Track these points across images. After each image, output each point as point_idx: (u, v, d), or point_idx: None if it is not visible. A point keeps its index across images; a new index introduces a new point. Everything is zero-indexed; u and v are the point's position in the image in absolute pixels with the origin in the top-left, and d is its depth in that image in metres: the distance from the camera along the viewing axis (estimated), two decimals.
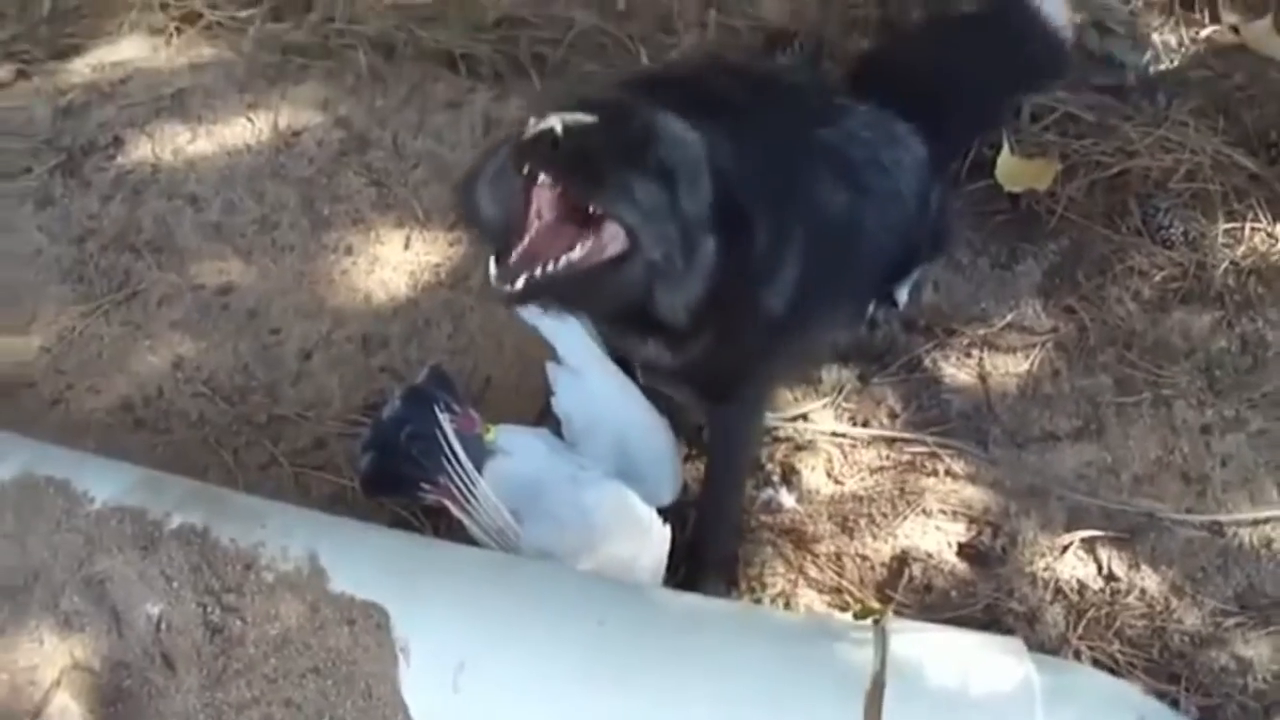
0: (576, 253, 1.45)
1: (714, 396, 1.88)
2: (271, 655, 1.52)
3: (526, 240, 1.46)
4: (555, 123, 1.39)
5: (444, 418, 1.83)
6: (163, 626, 1.55)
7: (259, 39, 2.70)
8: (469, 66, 2.58)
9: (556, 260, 1.45)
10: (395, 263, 2.32)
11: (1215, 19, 2.57)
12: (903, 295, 2.16)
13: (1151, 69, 2.49)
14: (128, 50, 2.73)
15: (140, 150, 2.53)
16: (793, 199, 1.70)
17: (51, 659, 1.56)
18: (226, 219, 2.41)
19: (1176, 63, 2.51)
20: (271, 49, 2.67)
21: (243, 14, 2.73)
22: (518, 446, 1.86)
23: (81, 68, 2.70)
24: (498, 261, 1.45)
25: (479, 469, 1.81)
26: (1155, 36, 2.54)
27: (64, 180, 2.49)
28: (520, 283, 1.44)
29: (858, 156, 1.85)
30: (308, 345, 2.22)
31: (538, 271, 1.44)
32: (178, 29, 2.74)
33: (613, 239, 1.47)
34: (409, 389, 1.94)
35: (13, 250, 2.39)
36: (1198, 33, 2.56)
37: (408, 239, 2.35)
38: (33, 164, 2.52)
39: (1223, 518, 1.98)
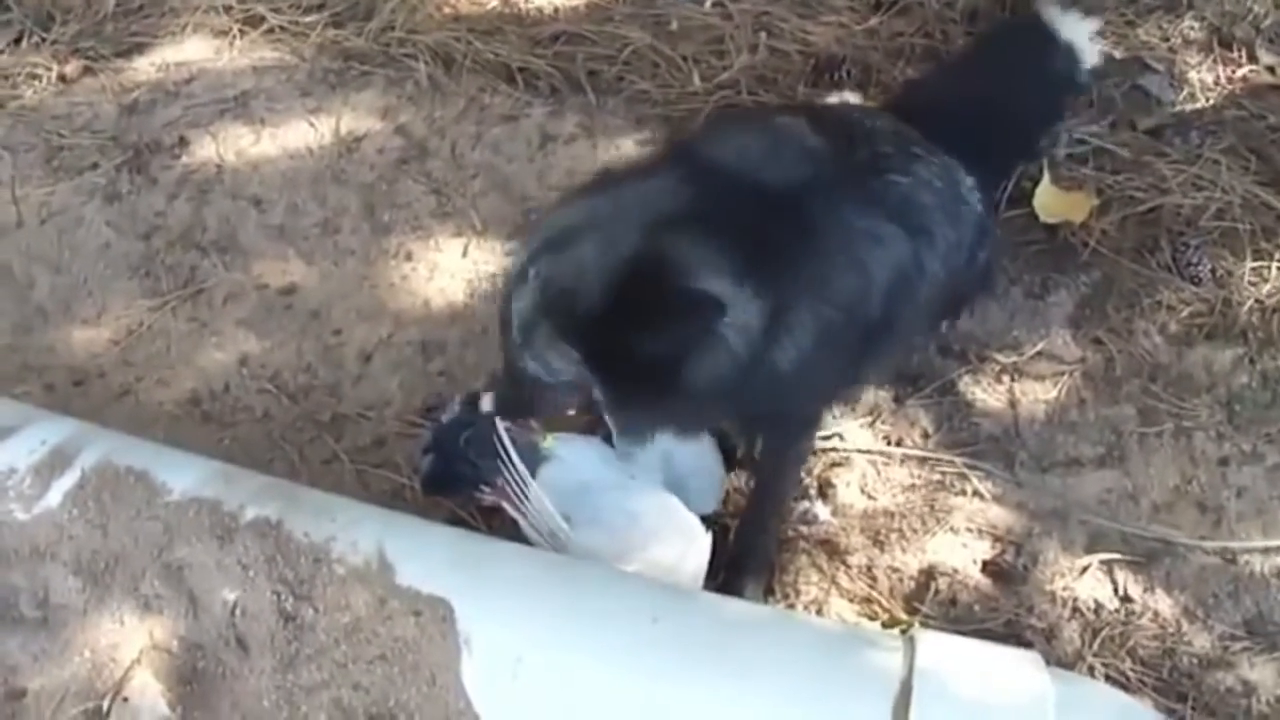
0: None
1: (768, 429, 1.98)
2: (341, 642, 1.60)
3: None
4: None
5: (501, 424, 1.91)
6: (238, 612, 1.64)
7: (320, 44, 2.77)
8: (526, 80, 2.66)
9: None
10: (453, 270, 2.39)
11: (1252, 59, 2.62)
12: (944, 327, 2.24)
13: (1187, 107, 2.55)
14: (192, 51, 2.81)
15: (205, 150, 2.61)
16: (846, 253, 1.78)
17: (131, 639, 1.64)
18: (290, 221, 2.49)
19: (1212, 101, 2.56)
20: (333, 55, 2.75)
21: (305, 19, 2.80)
22: (571, 454, 1.96)
23: (146, 66, 2.78)
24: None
25: (533, 474, 1.90)
26: (1193, 75, 2.59)
27: (130, 177, 2.58)
28: None
29: (929, 203, 1.89)
30: (368, 347, 2.30)
31: None
32: (241, 31, 2.82)
33: None
34: (468, 395, 2.04)
35: (82, 243, 2.48)
36: (1234, 72, 2.60)
37: (466, 247, 2.42)
38: (99, 160, 2.61)
39: (1235, 545, 2.05)
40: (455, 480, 1.97)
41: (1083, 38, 2.30)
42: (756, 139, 1.83)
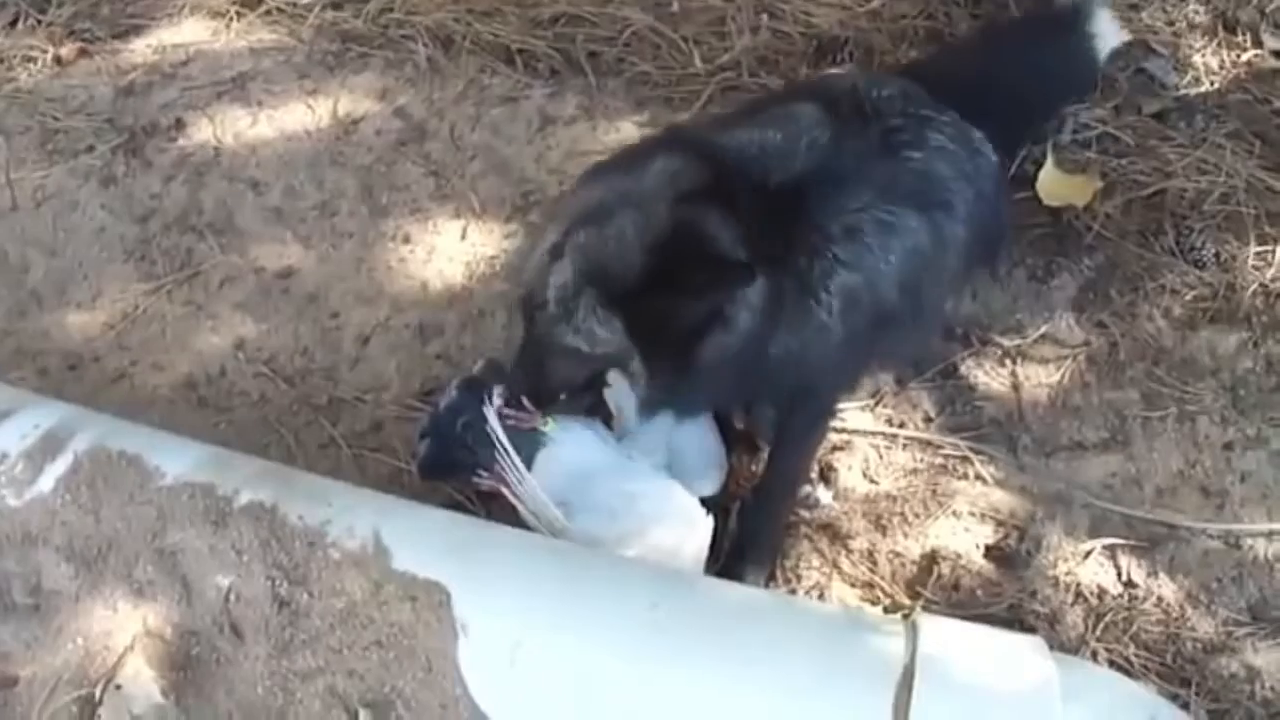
0: None
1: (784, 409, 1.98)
2: (336, 628, 1.59)
3: None
4: None
5: (490, 411, 1.90)
6: (232, 597, 1.62)
7: (318, 26, 2.76)
8: (525, 62, 2.64)
9: None
10: (452, 253, 2.38)
11: (1257, 43, 2.60)
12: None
13: (1191, 91, 2.53)
14: (188, 32, 2.79)
15: (201, 132, 2.60)
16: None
17: (124, 626, 1.63)
18: (287, 203, 2.47)
19: (1216, 85, 2.55)
20: (330, 37, 2.74)
21: (303, 1, 2.79)
22: (570, 437, 1.94)
23: (142, 48, 2.76)
24: None
25: (531, 458, 1.89)
26: (1197, 59, 2.58)
27: (126, 160, 2.56)
28: None
29: (946, 172, 1.91)
30: (366, 330, 2.29)
31: None
32: (238, 13, 2.80)
33: None
34: (465, 379, 2.02)
35: (77, 226, 2.46)
36: (1239, 56, 2.59)
37: (464, 230, 2.41)
38: (95, 142, 2.59)
39: (1239, 530, 2.04)
40: (453, 465, 1.96)
41: (1104, 23, 2.29)
42: (766, 129, 1.84)
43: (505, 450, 1.88)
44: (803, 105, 1.89)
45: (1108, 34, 2.28)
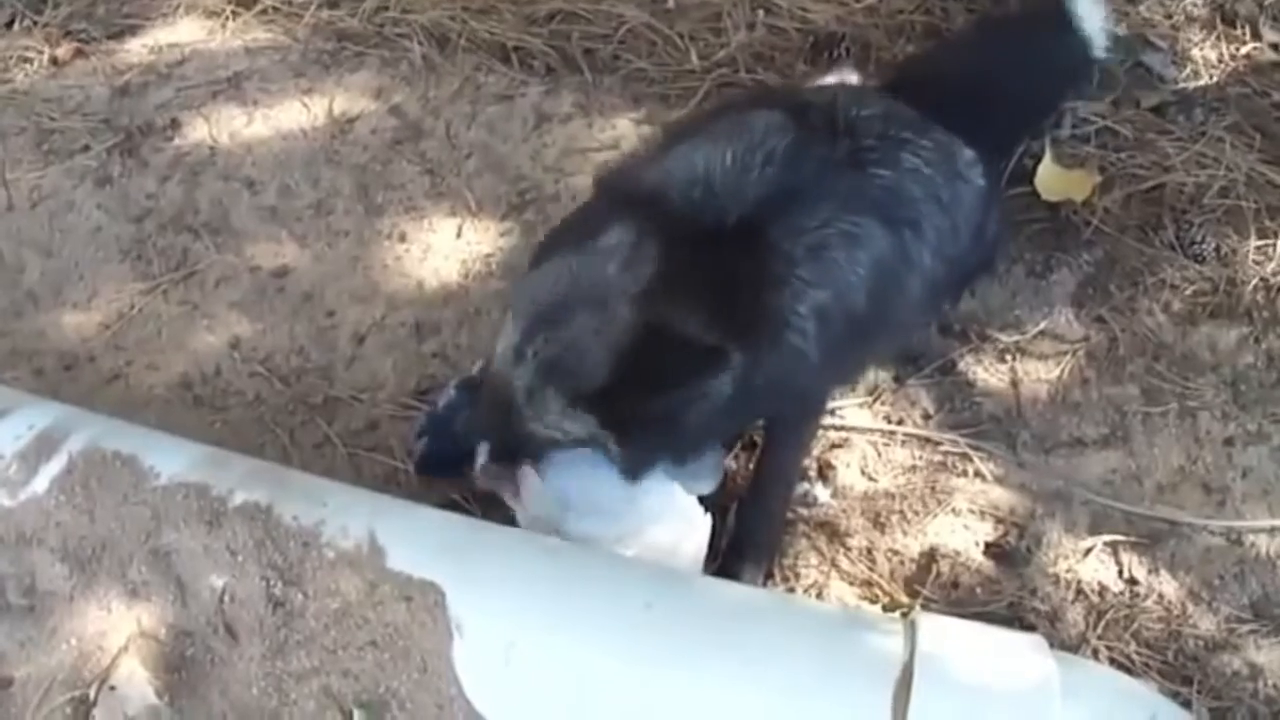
0: None
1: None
2: (331, 628, 1.59)
3: None
4: None
5: None
6: (226, 598, 1.62)
7: (314, 25, 2.75)
8: (521, 59, 2.63)
9: None
10: (447, 251, 2.37)
11: (1256, 36, 2.59)
12: (946, 305, 2.21)
13: (1190, 84, 2.52)
14: (184, 32, 2.79)
15: (197, 132, 2.59)
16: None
17: (119, 626, 1.63)
18: (283, 203, 2.47)
19: (1215, 79, 2.53)
20: (326, 35, 2.73)
21: None
22: None
23: (138, 48, 2.76)
24: None
25: None
26: (1196, 52, 2.57)
27: (122, 159, 2.56)
28: None
29: (916, 194, 1.88)
30: (362, 329, 2.28)
31: None
32: (234, 12, 2.80)
33: None
34: (464, 379, 2.02)
35: (73, 227, 2.46)
36: (1237, 49, 2.58)
37: (460, 228, 2.40)
38: (91, 142, 2.59)
39: (1241, 526, 2.03)
40: (450, 463, 1.95)
41: (1096, 19, 2.27)
42: (720, 146, 1.79)
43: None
44: (763, 113, 1.85)
45: (1097, 25, 2.26)
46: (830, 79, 2.37)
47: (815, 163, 1.79)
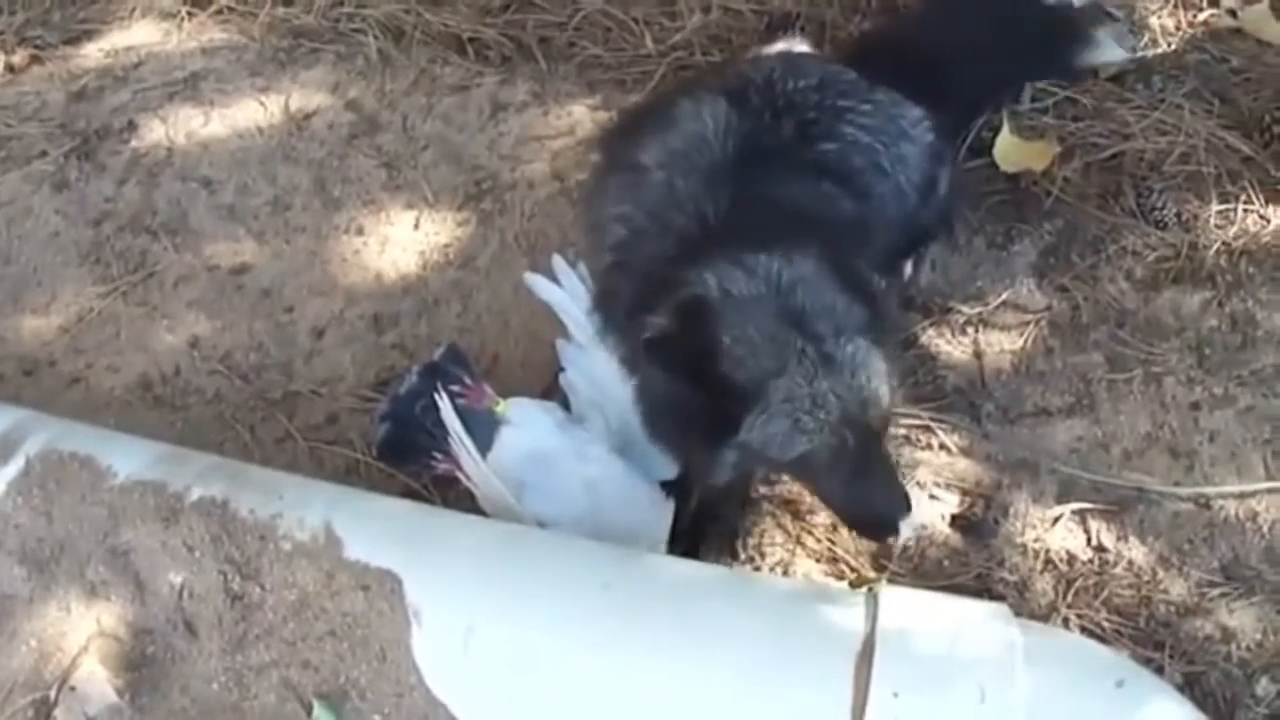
0: None
1: None
2: (290, 620, 1.58)
3: None
4: None
5: (443, 398, 1.88)
6: (185, 594, 1.61)
7: (269, 23, 2.74)
8: (476, 50, 2.62)
9: None
10: (405, 243, 2.36)
11: (1213, 3, 2.58)
12: (908, 268, 2.21)
13: (1148, 53, 2.51)
14: (140, 35, 2.78)
15: (154, 134, 2.58)
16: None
17: (78, 626, 1.62)
18: (240, 201, 2.46)
19: (1173, 46, 2.53)
20: (281, 33, 2.72)
21: None
22: (526, 419, 1.92)
23: (94, 52, 2.75)
24: None
25: (490, 441, 1.87)
26: (1153, 20, 2.56)
27: (79, 164, 2.55)
28: None
29: (859, 163, 1.88)
30: (320, 323, 2.27)
31: None
32: (189, 13, 2.79)
33: None
34: (425, 364, 2.01)
35: (31, 233, 2.45)
36: (1195, 16, 2.57)
37: (417, 220, 2.39)
38: (48, 148, 2.57)
39: (1209, 491, 2.02)
40: (411, 449, 1.95)
41: None
42: (674, 155, 1.80)
43: (459, 433, 1.86)
44: (707, 108, 1.84)
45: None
46: (776, 48, 2.35)
47: (761, 155, 1.79)
